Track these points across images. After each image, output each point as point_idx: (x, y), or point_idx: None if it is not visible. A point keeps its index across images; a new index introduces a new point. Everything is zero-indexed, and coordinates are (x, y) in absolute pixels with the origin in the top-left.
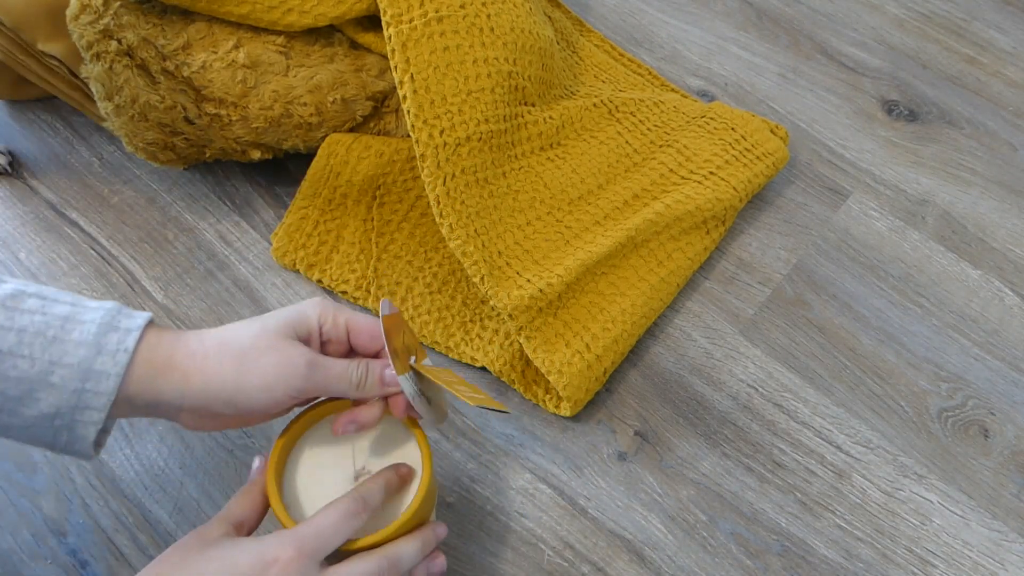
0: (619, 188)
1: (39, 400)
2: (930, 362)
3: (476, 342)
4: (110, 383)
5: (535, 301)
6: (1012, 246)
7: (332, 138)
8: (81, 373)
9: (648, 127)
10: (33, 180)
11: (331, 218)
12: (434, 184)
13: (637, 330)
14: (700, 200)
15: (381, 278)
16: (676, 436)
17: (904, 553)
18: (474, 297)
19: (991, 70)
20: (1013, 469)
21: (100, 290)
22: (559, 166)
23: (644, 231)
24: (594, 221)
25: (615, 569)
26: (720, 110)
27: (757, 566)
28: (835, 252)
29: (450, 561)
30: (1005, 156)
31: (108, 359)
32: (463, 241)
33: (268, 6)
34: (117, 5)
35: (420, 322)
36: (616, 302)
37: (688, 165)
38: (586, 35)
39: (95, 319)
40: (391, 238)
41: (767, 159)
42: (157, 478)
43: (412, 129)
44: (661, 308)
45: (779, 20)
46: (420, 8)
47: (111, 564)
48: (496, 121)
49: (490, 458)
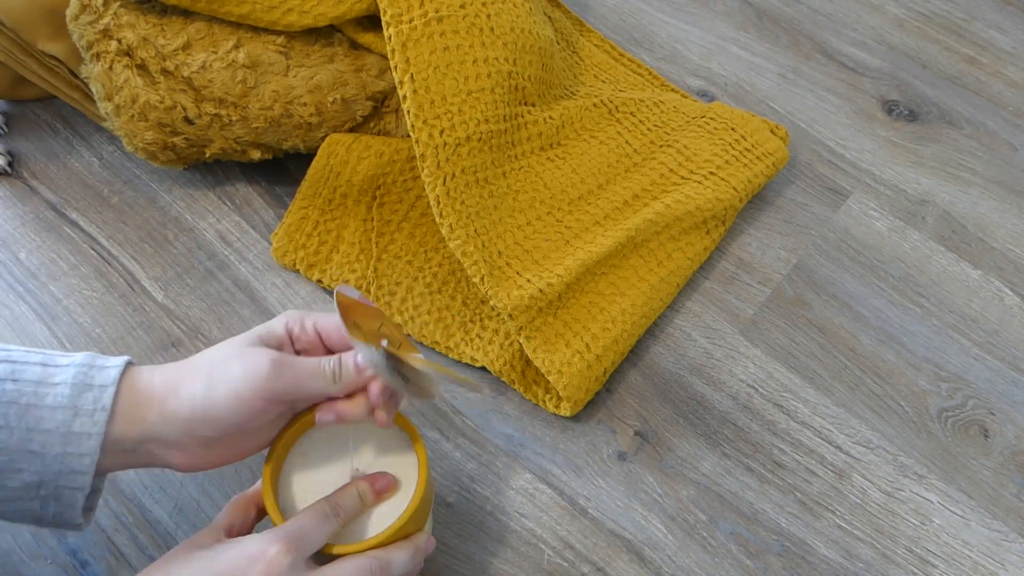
0: (619, 188)
1: (22, 471)
2: (930, 362)
3: (476, 342)
4: (91, 443)
5: (535, 301)
6: (1012, 246)
7: (332, 138)
8: (61, 438)
9: (648, 127)
10: (33, 180)
11: (331, 218)
12: (434, 184)
13: (637, 330)
14: (700, 200)
15: (381, 278)
16: (676, 436)
17: (904, 553)
18: (474, 297)
19: (991, 70)
20: (1013, 469)
21: (100, 290)
22: (559, 166)
23: (644, 231)
24: (594, 221)
25: (615, 569)
26: (720, 110)
27: (757, 566)
28: (835, 252)
29: (450, 561)
30: (1005, 156)
31: (86, 420)
32: (463, 241)
33: (268, 6)
34: (117, 5)
35: (420, 322)
36: (616, 302)
37: (688, 165)
38: (586, 35)
39: (67, 379)
40: (391, 238)
41: (767, 159)
42: (157, 478)
43: (412, 129)
44: (661, 308)
45: (779, 20)
46: (420, 8)
47: (111, 564)
48: (496, 121)
49: (490, 458)
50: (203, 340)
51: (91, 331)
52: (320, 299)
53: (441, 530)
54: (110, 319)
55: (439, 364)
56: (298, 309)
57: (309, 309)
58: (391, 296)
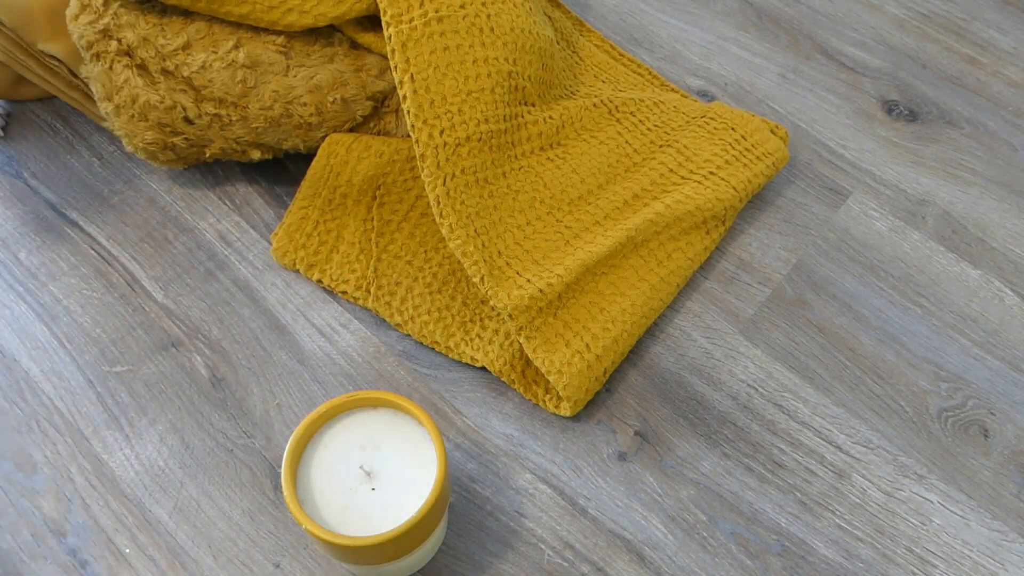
0: (619, 188)
1: None
2: (930, 362)
3: (476, 342)
4: None
5: (535, 301)
6: (1012, 246)
7: (332, 138)
8: None
9: (648, 127)
10: (33, 180)
11: (331, 218)
12: (434, 184)
13: (637, 330)
14: (700, 200)
15: (381, 278)
16: (676, 436)
17: (904, 553)
18: (474, 297)
19: (991, 70)
20: (1013, 469)
21: (100, 290)
22: (559, 166)
23: (644, 231)
24: (594, 221)
25: (615, 569)
26: (720, 110)
27: (757, 566)
28: (835, 252)
29: (450, 561)
30: (1005, 156)
31: None
32: (463, 241)
33: (268, 6)
34: (117, 5)
35: (420, 322)
36: (616, 302)
37: (688, 165)
38: (586, 35)
39: None
40: (391, 238)
41: (767, 159)
42: (157, 478)
43: (412, 129)
44: (661, 308)
45: (779, 20)
46: (420, 8)
47: (111, 564)
48: (496, 121)
49: (490, 458)
50: (203, 340)
51: (91, 331)
52: (320, 299)
53: None
54: (110, 319)
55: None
56: (298, 308)
57: (308, 309)
58: (391, 296)
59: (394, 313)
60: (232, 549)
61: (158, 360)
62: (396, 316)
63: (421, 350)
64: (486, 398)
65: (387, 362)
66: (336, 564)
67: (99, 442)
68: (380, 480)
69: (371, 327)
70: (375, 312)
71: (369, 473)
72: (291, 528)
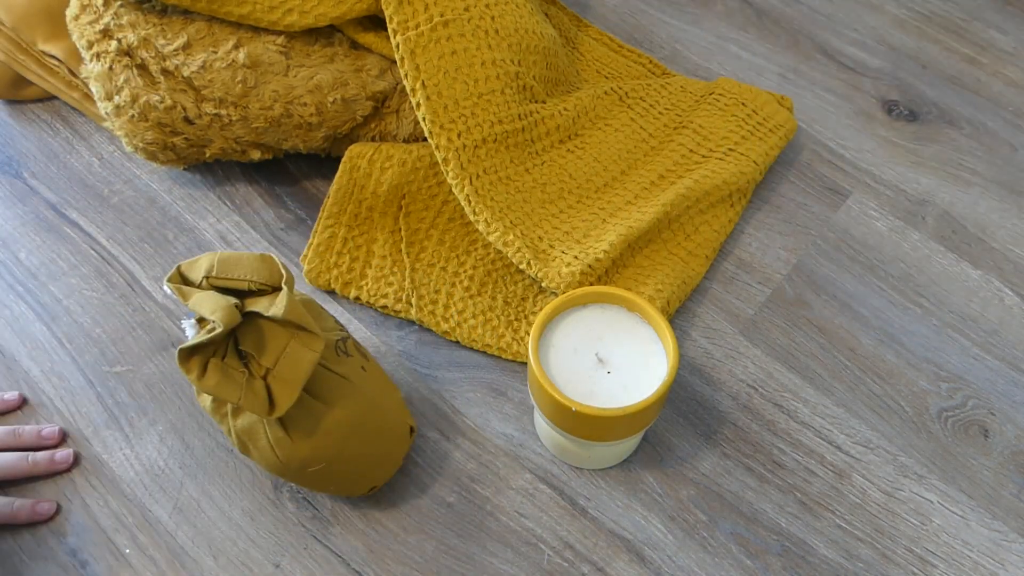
0: (643, 172)
1: None
2: (930, 362)
3: (526, 339)
4: None
5: (586, 277)
6: (1012, 246)
7: (352, 151)
8: None
9: (660, 111)
10: (33, 180)
11: (359, 233)
12: (462, 185)
13: (676, 301)
14: (726, 175)
15: (420, 288)
16: (676, 436)
17: (904, 553)
18: (515, 295)
19: (991, 70)
20: (1013, 469)
21: (100, 290)
22: (580, 156)
23: (677, 205)
24: (625, 201)
25: (615, 569)
26: (727, 85)
27: (757, 566)
28: (835, 252)
29: (450, 561)
30: (1005, 156)
31: None
32: (502, 232)
33: (268, 6)
34: (117, 5)
35: (467, 327)
36: (653, 275)
37: (707, 144)
38: (584, 30)
39: None
40: (421, 246)
41: (779, 131)
42: (157, 478)
43: (430, 135)
44: (695, 280)
45: (779, 20)
46: (425, 13)
47: (111, 564)
48: (510, 121)
49: (490, 458)
50: None
51: (91, 331)
52: (319, 299)
53: (441, 530)
54: (110, 319)
55: None
56: None
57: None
58: (433, 305)
59: (440, 321)
60: (232, 549)
61: (158, 360)
62: (443, 324)
63: (421, 350)
64: (486, 398)
65: (387, 362)
66: (336, 563)
67: (99, 442)
68: (613, 366)
69: (371, 327)
70: (419, 323)
71: (599, 361)
72: (291, 528)
